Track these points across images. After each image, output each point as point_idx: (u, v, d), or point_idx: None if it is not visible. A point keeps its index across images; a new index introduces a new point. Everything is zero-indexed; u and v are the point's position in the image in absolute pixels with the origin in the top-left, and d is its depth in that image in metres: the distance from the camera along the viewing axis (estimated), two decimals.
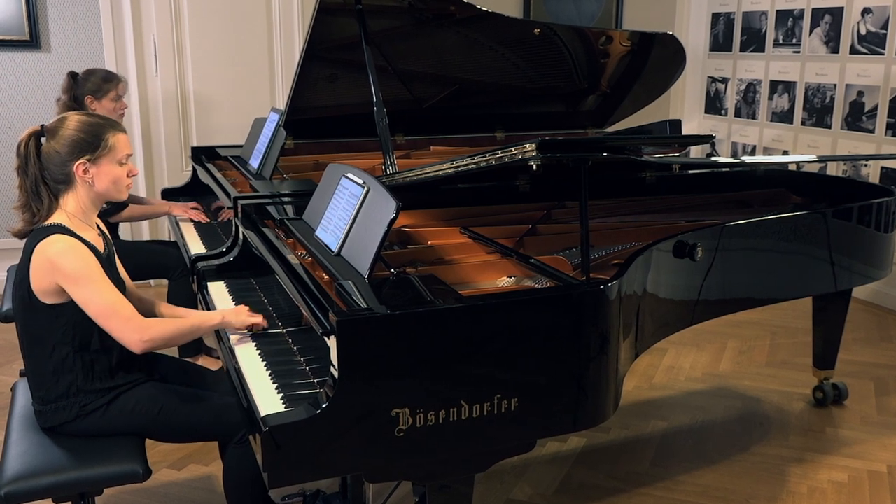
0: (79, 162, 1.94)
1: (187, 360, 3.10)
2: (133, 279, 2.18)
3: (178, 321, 1.99)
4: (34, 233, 1.94)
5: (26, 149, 1.94)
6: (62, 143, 1.93)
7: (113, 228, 3.40)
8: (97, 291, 1.87)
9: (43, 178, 1.94)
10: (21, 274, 1.93)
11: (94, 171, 1.96)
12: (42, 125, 1.97)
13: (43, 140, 1.95)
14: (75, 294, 1.87)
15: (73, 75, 3.30)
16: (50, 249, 1.87)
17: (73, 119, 1.97)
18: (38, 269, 1.89)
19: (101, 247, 2.02)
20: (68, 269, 1.85)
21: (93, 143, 1.95)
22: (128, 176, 2.02)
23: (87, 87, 3.26)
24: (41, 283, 1.89)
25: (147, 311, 2.20)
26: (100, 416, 1.96)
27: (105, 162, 1.97)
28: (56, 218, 1.95)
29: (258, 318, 2.07)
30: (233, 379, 1.94)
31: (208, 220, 3.24)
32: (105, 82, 3.29)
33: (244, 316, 2.06)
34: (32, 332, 1.96)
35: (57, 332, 1.93)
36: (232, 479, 2.06)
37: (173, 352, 2.30)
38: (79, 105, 3.24)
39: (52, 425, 1.97)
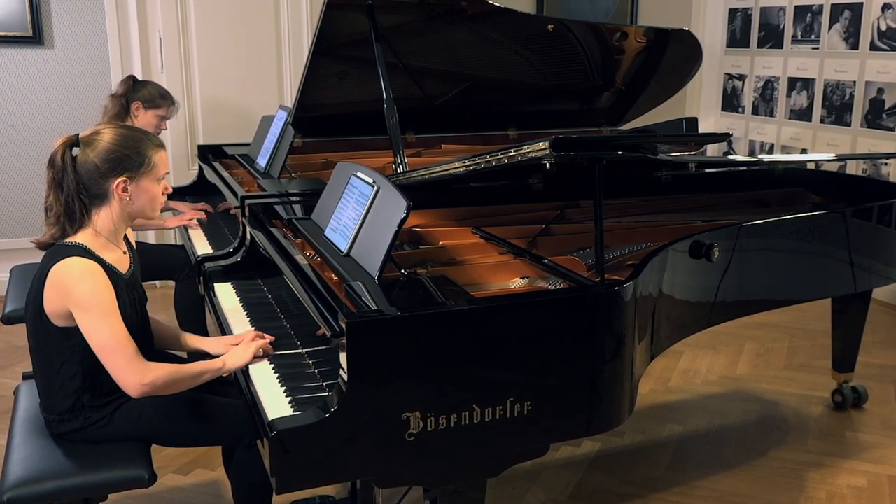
0: (119, 179, 1.85)
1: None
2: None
3: (179, 368, 1.87)
4: (54, 249, 1.85)
5: (63, 160, 1.83)
6: (102, 157, 1.83)
7: None
8: (105, 323, 1.78)
9: (79, 193, 1.84)
10: (34, 291, 1.86)
11: (133, 188, 1.87)
12: (77, 135, 1.87)
13: (76, 150, 1.84)
14: (82, 322, 1.79)
15: (133, 79, 3.40)
16: (66, 273, 1.78)
17: (112, 131, 1.87)
18: (51, 291, 1.81)
19: (124, 267, 1.94)
20: (80, 295, 1.77)
21: (136, 160, 1.87)
22: (162, 193, 1.94)
23: (142, 93, 3.32)
24: (53, 306, 1.82)
25: (171, 338, 2.16)
26: (104, 425, 1.92)
27: (145, 180, 1.88)
28: (81, 237, 1.86)
29: (259, 352, 1.94)
30: (240, 382, 1.93)
31: (206, 217, 3.21)
32: (161, 98, 3.36)
33: (245, 357, 1.93)
34: (41, 349, 1.91)
35: (65, 353, 1.87)
36: (240, 484, 2.04)
37: (181, 354, 2.28)
38: (126, 106, 3.30)
39: (59, 433, 1.94)
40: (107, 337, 1.78)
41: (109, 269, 1.86)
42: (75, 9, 4.35)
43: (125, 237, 2.03)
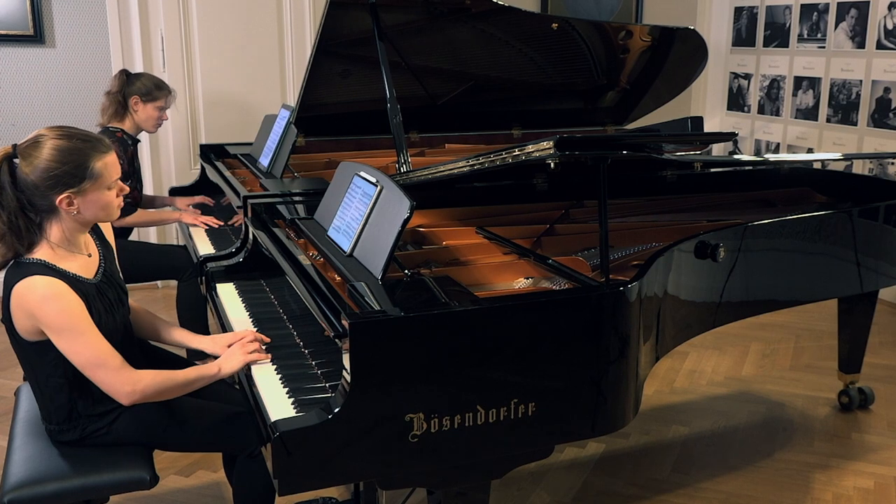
0: (62, 196, 1.74)
1: (197, 362, 3.07)
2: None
3: (171, 375, 1.81)
4: (14, 266, 1.77)
5: None
6: (41, 175, 1.71)
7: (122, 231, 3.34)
8: (81, 342, 1.72)
9: (22, 209, 1.73)
10: (3, 309, 1.79)
11: (79, 201, 1.77)
12: (14, 145, 1.75)
13: (17, 162, 1.73)
14: (58, 343, 1.73)
15: (126, 73, 3.32)
16: (29, 296, 1.71)
17: (50, 143, 1.73)
18: (17, 312, 1.75)
19: (91, 272, 1.86)
20: (49, 318, 1.70)
21: (76, 174, 1.74)
22: (118, 196, 1.84)
23: (138, 87, 3.27)
24: (23, 326, 1.76)
25: (158, 330, 2.11)
26: (104, 434, 1.90)
27: (92, 191, 1.77)
28: (39, 252, 1.77)
29: (254, 356, 1.89)
30: (242, 384, 1.91)
31: (221, 225, 3.19)
32: (157, 89, 3.30)
33: (239, 358, 1.88)
34: (24, 363, 1.88)
35: (47, 366, 1.82)
36: (243, 488, 2.02)
37: (181, 352, 2.27)
38: (123, 102, 3.26)
39: (59, 441, 1.92)
40: (86, 356, 1.73)
41: (74, 281, 1.78)
42: (76, 7, 4.32)
43: (97, 230, 1.97)
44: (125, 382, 1.75)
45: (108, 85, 3.35)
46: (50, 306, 1.70)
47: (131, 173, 3.27)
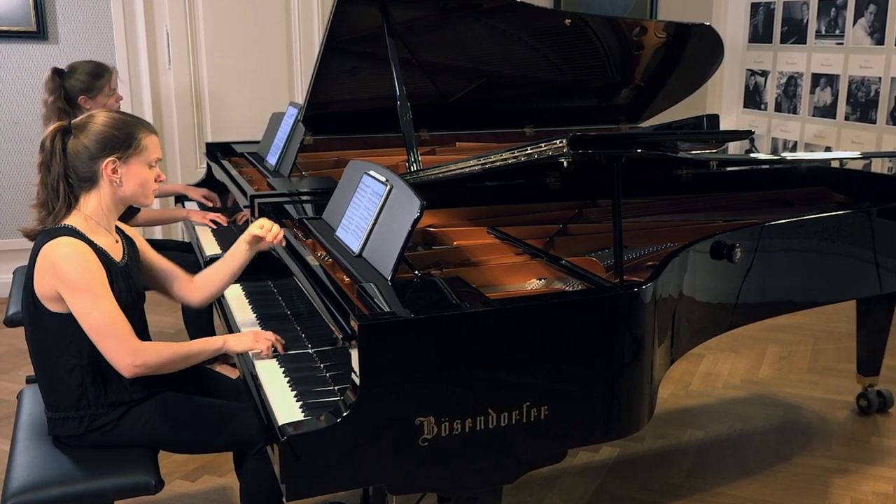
0: (108, 160, 1.86)
1: (206, 366, 3.04)
2: (145, 287, 2.10)
3: (176, 346, 1.87)
4: (44, 233, 1.87)
5: (52, 144, 1.86)
6: (92, 137, 1.86)
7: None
8: (95, 305, 1.78)
9: (66, 175, 1.86)
10: (27, 276, 1.87)
11: (123, 170, 1.88)
12: (69, 121, 1.91)
13: (69, 138, 1.88)
14: (72, 303, 1.79)
15: (58, 73, 3.07)
16: (55, 252, 1.79)
17: (104, 115, 1.91)
18: (41, 272, 1.82)
19: (117, 255, 1.93)
20: (69, 275, 1.77)
21: (125, 140, 1.88)
22: (155, 181, 1.95)
23: (77, 86, 3.08)
24: (44, 287, 1.83)
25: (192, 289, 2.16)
26: (110, 430, 1.90)
27: (135, 162, 1.89)
28: (71, 219, 1.87)
29: (263, 344, 1.93)
30: (250, 386, 1.91)
31: (229, 224, 3.16)
32: (95, 78, 3.09)
33: (249, 341, 1.93)
34: (38, 340, 1.90)
35: (62, 342, 1.85)
36: (250, 492, 2.00)
37: None
38: (71, 106, 3.07)
39: (60, 435, 1.92)
40: (97, 319, 1.78)
41: (101, 252, 1.85)
42: (80, 3, 4.30)
43: (122, 232, 2.01)
44: (129, 353, 1.79)
45: (43, 91, 3.06)
46: (71, 264, 1.78)
47: None
